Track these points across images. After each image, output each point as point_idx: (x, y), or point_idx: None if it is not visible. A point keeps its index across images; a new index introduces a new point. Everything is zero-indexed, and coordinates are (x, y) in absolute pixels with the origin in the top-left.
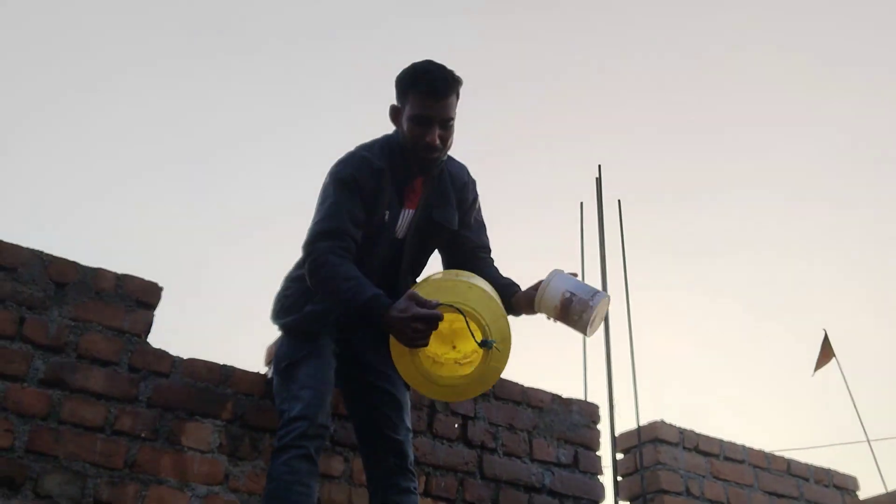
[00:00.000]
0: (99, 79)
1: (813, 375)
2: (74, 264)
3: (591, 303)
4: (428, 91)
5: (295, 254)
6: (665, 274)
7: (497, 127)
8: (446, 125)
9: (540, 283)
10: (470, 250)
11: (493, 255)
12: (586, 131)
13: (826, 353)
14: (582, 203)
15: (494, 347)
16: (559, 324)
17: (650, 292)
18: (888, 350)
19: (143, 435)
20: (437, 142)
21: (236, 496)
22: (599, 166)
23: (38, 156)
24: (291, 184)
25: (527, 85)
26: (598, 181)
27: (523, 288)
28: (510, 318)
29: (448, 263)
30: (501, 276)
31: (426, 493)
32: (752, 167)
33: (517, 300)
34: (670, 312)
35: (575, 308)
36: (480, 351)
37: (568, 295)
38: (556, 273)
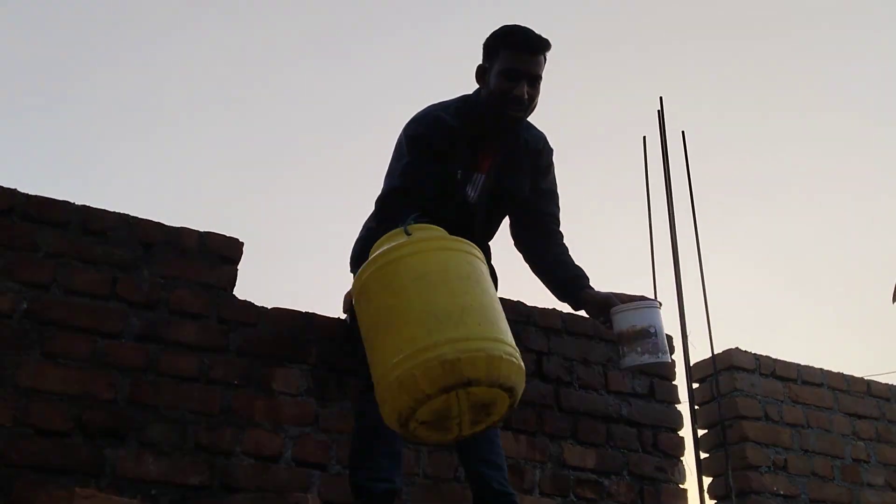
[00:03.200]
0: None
1: (894, 302)
2: (159, 225)
3: (660, 355)
4: (522, 45)
5: (372, 202)
6: (734, 206)
7: (555, 61)
8: (534, 83)
9: (624, 296)
10: (538, 219)
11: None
12: (647, 64)
13: None
14: (645, 137)
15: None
16: (609, 331)
17: (719, 225)
18: None
19: (235, 382)
20: (525, 96)
21: (327, 436)
22: (661, 98)
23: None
24: (369, 129)
25: (585, 15)
26: (661, 114)
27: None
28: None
29: (516, 231)
30: (571, 262)
31: (506, 427)
32: (822, 95)
33: (586, 297)
34: (740, 245)
35: (645, 344)
36: None
37: (652, 331)
38: (655, 305)
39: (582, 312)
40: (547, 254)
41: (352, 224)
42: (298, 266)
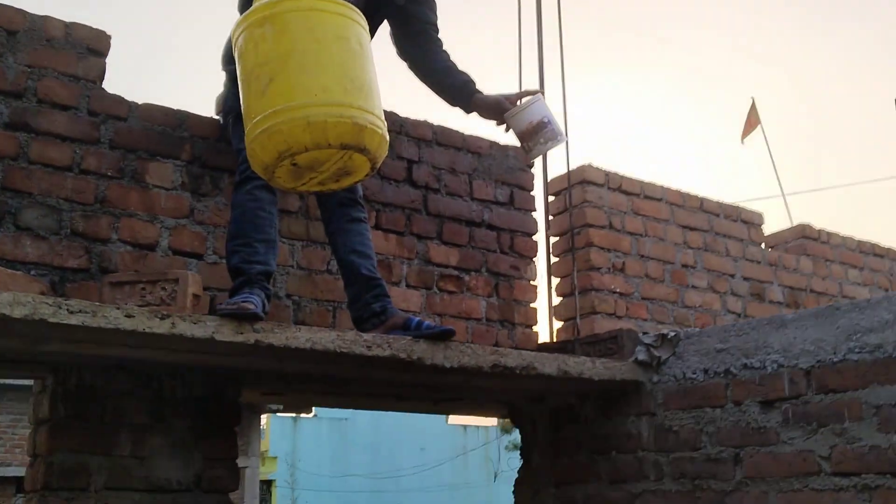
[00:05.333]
0: None
1: (742, 143)
2: (22, 11)
3: (559, 137)
4: None
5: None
6: (602, 49)
7: None
8: None
9: (513, 96)
10: (418, 27)
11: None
12: None
13: (752, 120)
14: None
15: None
16: (511, 133)
17: (591, 53)
18: (807, 116)
19: (109, 173)
20: None
21: (202, 228)
22: None
23: None
24: None
25: None
26: None
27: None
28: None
29: (399, 41)
30: (457, 68)
31: (377, 227)
32: None
33: (478, 101)
34: (607, 84)
35: (545, 134)
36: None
37: (546, 121)
38: (539, 97)
39: (472, 118)
40: (433, 62)
41: (225, 25)
42: (171, 66)
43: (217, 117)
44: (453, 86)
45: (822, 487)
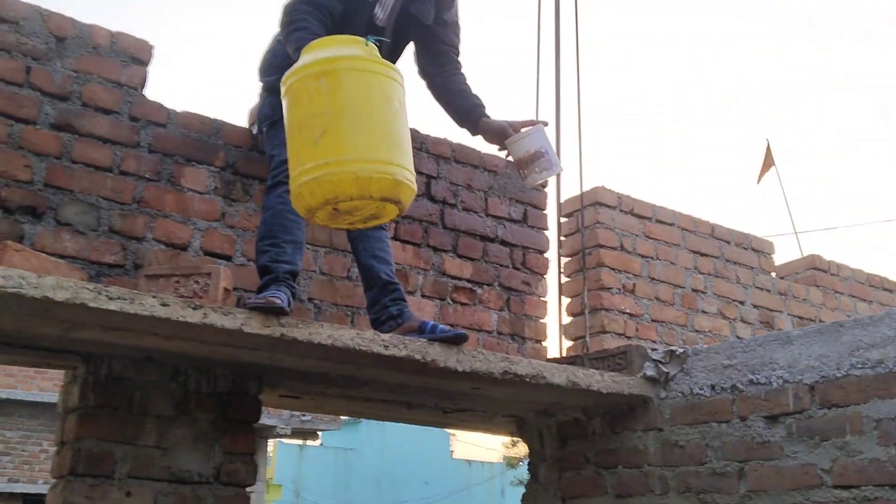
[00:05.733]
0: None
1: (758, 183)
2: (71, 19)
3: (553, 168)
4: None
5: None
6: (622, 62)
7: None
8: None
9: (517, 124)
10: (441, 48)
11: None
12: None
13: (768, 161)
14: None
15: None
16: (510, 159)
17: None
18: (823, 152)
19: (146, 176)
20: None
21: (232, 231)
22: None
23: None
24: None
25: None
26: None
27: (493, 115)
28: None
29: (420, 59)
30: (470, 91)
31: (395, 238)
32: None
33: (484, 125)
34: (628, 100)
35: (540, 163)
36: None
37: (543, 151)
38: (540, 128)
39: (479, 139)
40: (449, 82)
41: (259, 38)
42: (208, 76)
43: (250, 128)
44: (464, 108)
45: (824, 500)
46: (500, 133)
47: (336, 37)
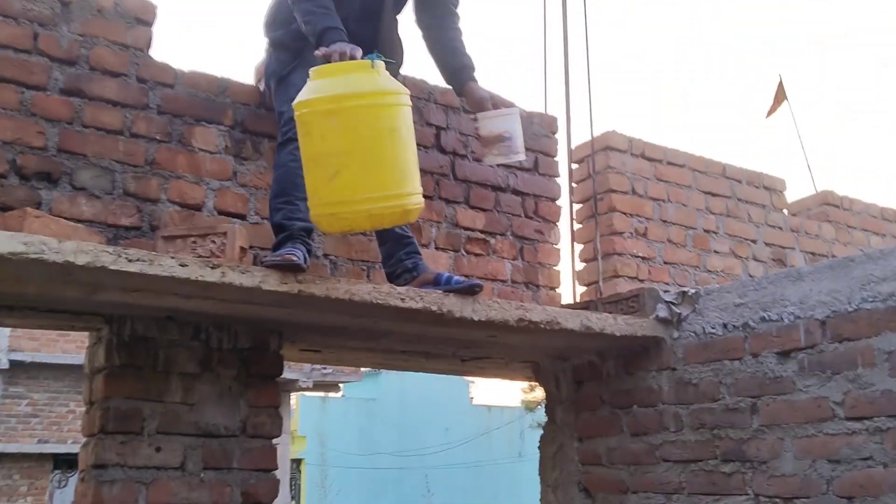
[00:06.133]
0: None
1: (768, 117)
2: None
3: (513, 155)
4: None
5: None
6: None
7: None
8: None
9: (497, 99)
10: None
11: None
12: None
13: (779, 97)
14: None
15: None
16: (478, 132)
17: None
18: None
19: (157, 137)
20: None
21: (245, 190)
22: None
23: None
24: None
25: None
26: None
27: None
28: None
29: (418, 9)
30: (462, 50)
31: None
32: None
33: (468, 90)
34: (632, 55)
35: (502, 147)
36: None
37: (507, 136)
38: (515, 112)
39: None
40: (443, 38)
41: None
42: (212, 32)
43: (256, 85)
44: (453, 66)
45: (836, 432)
46: (478, 103)
47: (344, 64)
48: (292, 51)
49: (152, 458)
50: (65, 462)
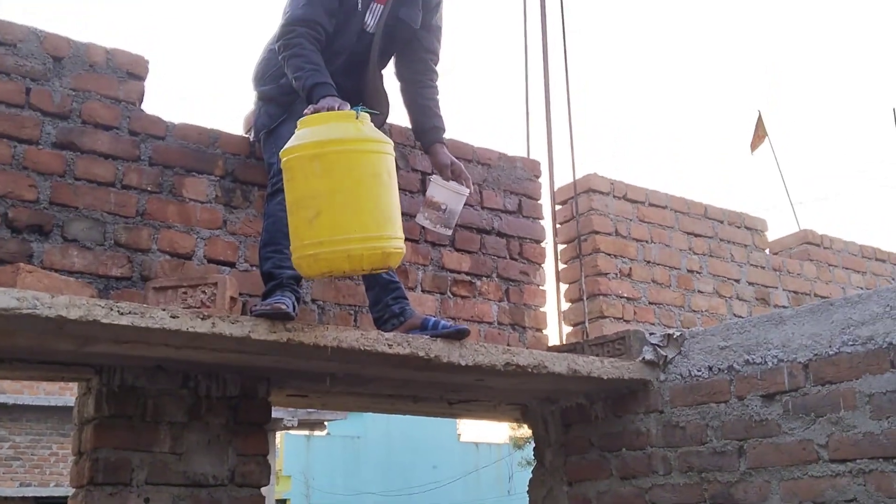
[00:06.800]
0: None
1: (752, 153)
2: (67, 39)
3: (442, 229)
4: None
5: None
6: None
7: None
8: None
9: (457, 169)
10: (421, 55)
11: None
12: None
13: (760, 133)
14: None
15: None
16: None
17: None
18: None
19: (149, 188)
20: None
21: (234, 238)
22: None
23: None
24: None
25: None
26: None
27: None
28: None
29: (399, 63)
30: (434, 111)
31: None
32: None
33: (432, 151)
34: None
35: (436, 216)
36: None
37: (443, 208)
38: (464, 195)
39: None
40: (419, 96)
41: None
42: (202, 87)
43: (246, 135)
44: (423, 125)
45: (821, 474)
46: (438, 167)
47: (329, 114)
48: (282, 105)
49: None
50: None
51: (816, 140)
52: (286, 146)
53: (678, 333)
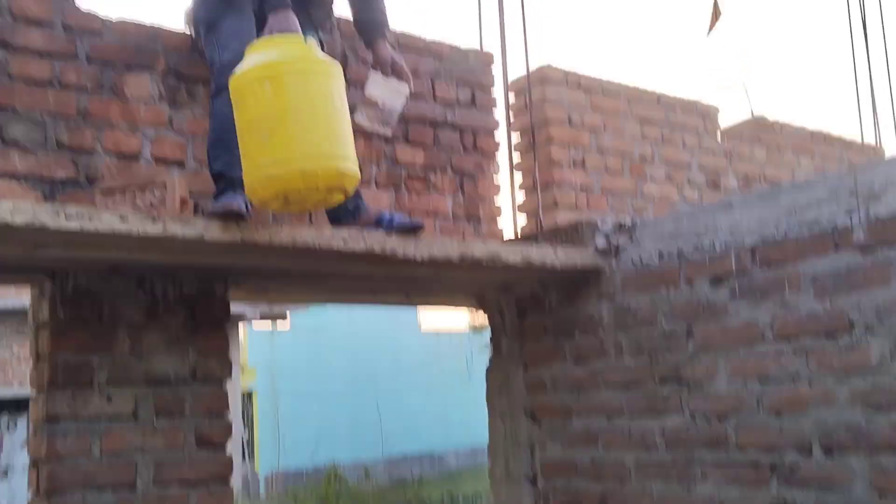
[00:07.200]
0: None
1: (708, 34)
2: None
3: (379, 128)
4: None
5: None
6: None
7: None
8: None
9: (398, 68)
10: None
11: None
12: None
13: (715, 13)
14: None
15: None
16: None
17: None
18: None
19: (88, 87)
20: None
21: (182, 137)
22: None
23: None
24: None
25: None
26: None
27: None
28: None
29: None
30: (378, 4)
31: None
32: None
33: (375, 47)
34: None
35: (373, 113)
36: None
37: (382, 104)
38: (403, 92)
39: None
40: None
41: None
42: None
43: (188, 32)
44: (365, 19)
45: (765, 351)
46: (380, 62)
47: (277, 37)
48: None
49: (104, 408)
50: (12, 405)
51: (773, 21)
52: (235, 72)
53: (630, 222)
